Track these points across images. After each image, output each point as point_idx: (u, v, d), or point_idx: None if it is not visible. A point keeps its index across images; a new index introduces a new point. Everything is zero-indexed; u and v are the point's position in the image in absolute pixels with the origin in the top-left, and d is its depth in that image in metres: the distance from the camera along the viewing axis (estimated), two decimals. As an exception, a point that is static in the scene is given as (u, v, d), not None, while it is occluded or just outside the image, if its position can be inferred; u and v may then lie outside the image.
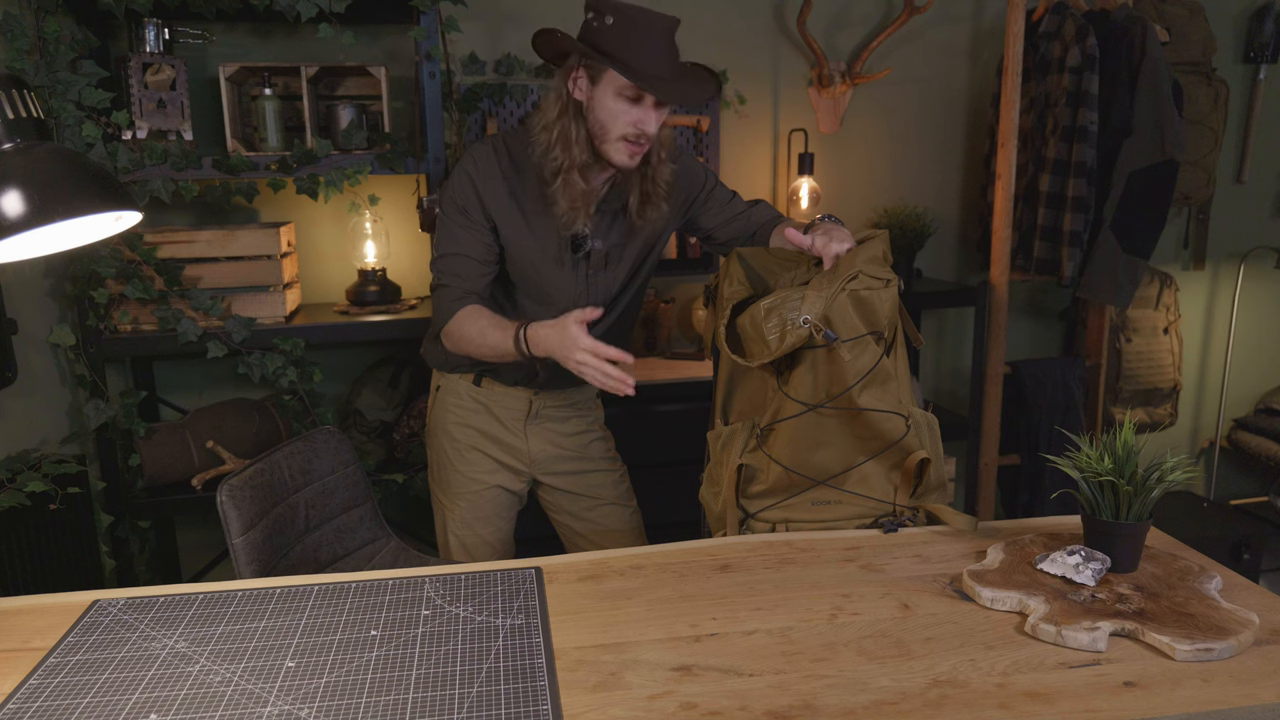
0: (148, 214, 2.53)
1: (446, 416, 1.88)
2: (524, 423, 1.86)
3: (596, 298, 1.76)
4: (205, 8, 2.26)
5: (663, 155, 1.67)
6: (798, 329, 1.36)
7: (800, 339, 1.37)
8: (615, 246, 1.74)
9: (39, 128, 1.11)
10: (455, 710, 1.00)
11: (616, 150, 1.59)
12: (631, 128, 1.56)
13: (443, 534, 1.94)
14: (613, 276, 1.77)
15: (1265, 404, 3.39)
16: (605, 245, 1.73)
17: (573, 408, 1.90)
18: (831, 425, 1.44)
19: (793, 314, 1.36)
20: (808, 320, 1.35)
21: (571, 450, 1.90)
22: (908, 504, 1.50)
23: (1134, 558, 1.27)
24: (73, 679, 1.08)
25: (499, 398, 1.85)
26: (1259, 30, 3.12)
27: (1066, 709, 0.99)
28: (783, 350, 1.38)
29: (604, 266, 1.75)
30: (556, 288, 1.73)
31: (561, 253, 1.71)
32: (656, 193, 1.68)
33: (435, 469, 1.94)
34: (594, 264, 1.74)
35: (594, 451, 1.93)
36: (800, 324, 1.35)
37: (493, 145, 1.69)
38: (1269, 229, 3.34)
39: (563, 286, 1.73)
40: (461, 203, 1.66)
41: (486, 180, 1.66)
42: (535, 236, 1.69)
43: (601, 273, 1.75)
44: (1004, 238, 2.64)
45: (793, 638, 1.14)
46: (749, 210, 1.81)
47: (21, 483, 1.99)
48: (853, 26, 2.92)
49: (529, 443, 1.87)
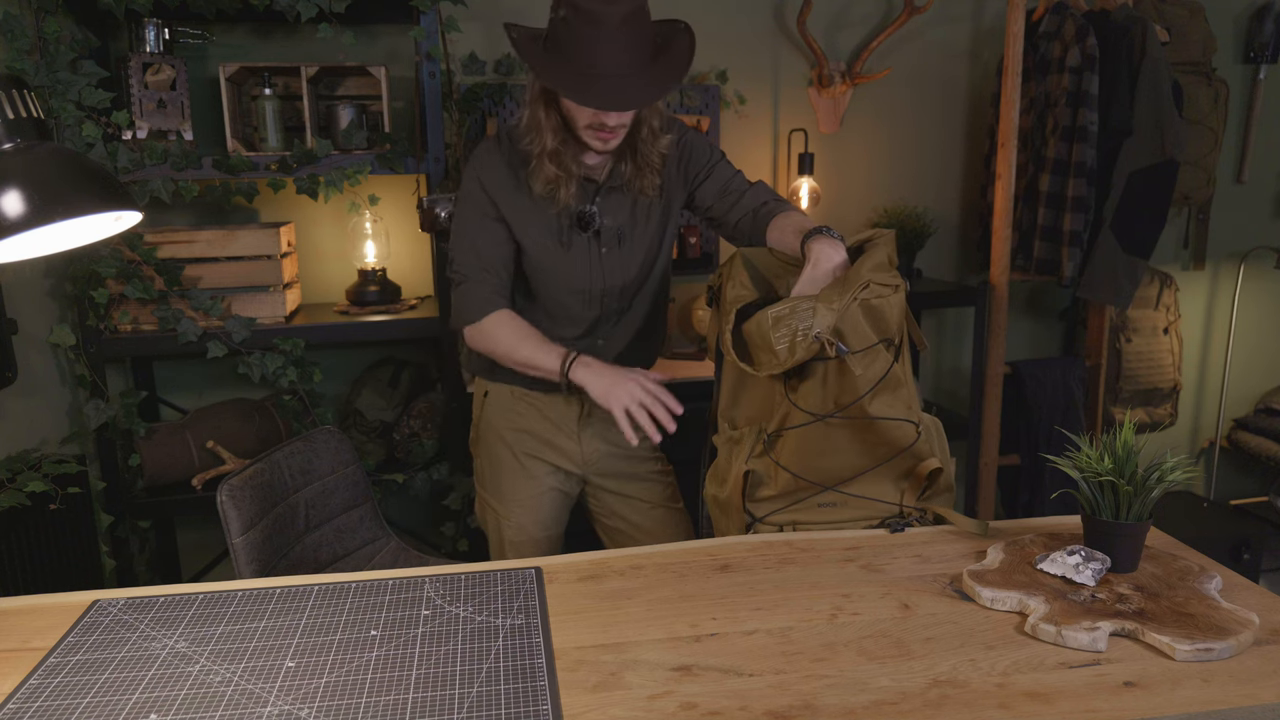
0: (148, 214, 2.53)
1: (500, 422, 1.86)
2: (577, 424, 1.85)
3: (613, 280, 1.76)
4: (205, 8, 2.26)
5: (655, 127, 1.66)
6: (809, 342, 1.35)
7: (811, 352, 1.36)
8: (626, 224, 1.74)
9: (39, 128, 1.11)
10: (455, 710, 1.00)
11: (588, 138, 1.61)
12: (592, 118, 1.58)
13: (497, 540, 1.90)
14: (629, 257, 1.76)
15: (1265, 404, 3.39)
16: (615, 222, 1.73)
17: None
18: (841, 434, 1.43)
19: (803, 325, 1.35)
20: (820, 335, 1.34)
21: (622, 449, 1.88)
22: (915, 505, 1.50)
23: (1134, 558, 1.27)
24: (73, 679, 1.08)
25: (552, 403, 1.83)
26: (1259, 30, 3.12)
27: (1066, 709, 0.99)
28: (792, 363, 1.37)
29: (617, 245, 1.74)
30: (570, 272, 1.73)
31: (569, 234, 1.71)
32: (650, 165, 1.69)
33: (486, 476, 1.91)
34: (606, 242, 1.73)
35: (643, 450, 1.92)
36: (813, 339, 1.34)
37: (495, 139, 1.73)
38: (1269, 229, 3.35)
39: (576, 270, 1.73)
40: (474, 204, 1.71)
41: (491, 176, 1.69)
42: (543, 221, 1.70)
43: (615, 251, 1.74)
44: (1004, 238, 2.64)
45: (793, 638, 1.14)
46: (748, 191, 1.77)
47: (21, 483, 1.99)
48: (853, 26, 2.92)
49: (582, 445, 1.86)
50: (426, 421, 2.57)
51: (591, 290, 1.75)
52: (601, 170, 1.71)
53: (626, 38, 1.50)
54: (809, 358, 1.37)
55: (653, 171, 1.70)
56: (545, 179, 1.65)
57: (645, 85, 1.54)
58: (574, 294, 1.75)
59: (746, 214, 1.74)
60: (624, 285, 1.77)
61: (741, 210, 1.75)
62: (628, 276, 1.77)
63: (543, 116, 1.61)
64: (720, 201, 1.77)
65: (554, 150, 1.63)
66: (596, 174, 1.72)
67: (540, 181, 1.65)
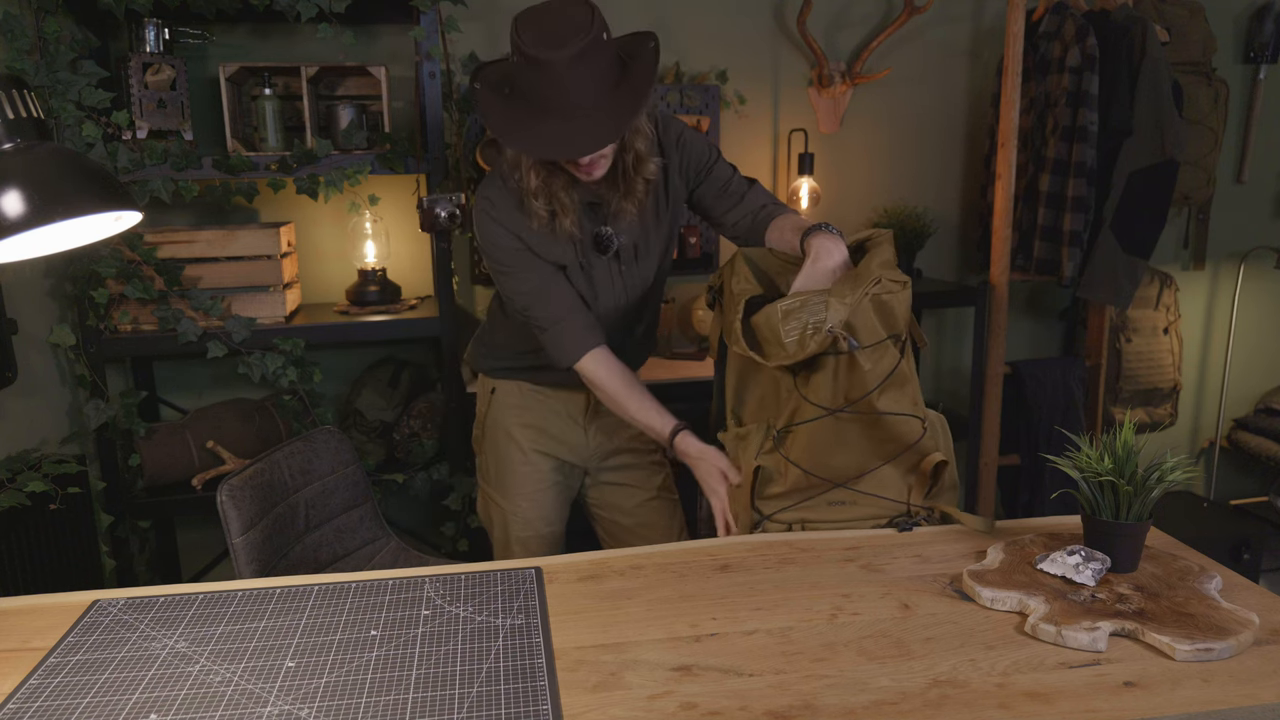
0: (148, 214, 2.53)
1: (507, 418, 1.86)
2: (584, 417, 1.86)
3: (634, 292, 1.76)
4: (205, 8, 2.26)
5: (641, 150, 1.59)
6: (821, 336, 1.35)
7: (822, 346, 1.36)
8: (639, 238, 1.73)
9: (39, 128, 1.11)
10: (455, 710, 1.00)
11: (571, 170, 1.56)
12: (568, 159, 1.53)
13: (502, 536, 1.91)
14: (646, 268, 1.76)
15: (1265, 404, 3.39)
16: (630, 239, 1.72)
17: None
18: (851, 429, 1.43)
19: (815, 319, 1.36)
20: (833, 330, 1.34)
21: (626, 441, 1.89)
22: (922, 504, 1.50)
23: (1134, 558, 1.27)
24: (73, 679, 1.08)
25: (561, 396, 1.84)
26: (1259, 30, 3.12)
27: (1066, 709, 0.99)
28: (803, 356, 1.37)
29: (635, 259, 1.74)
30: (596, 294, 1.72)
31: (589, 258, 1.69)
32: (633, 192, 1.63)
33: (491, 472, 1.91)
34: (624, 259, 1.73)
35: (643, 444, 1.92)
36: (826, 333, 1.34)
37: (498, 178, 1.65)
38: (1269, 229, 3.35)
39: (601, 290, 1.72)
40: (508, 250, 1.64)
41: (508, 216, 1.64)
42: (560, 250, 1.67)
43: (634, 266, 1.74)
44: (1004, 238, 2.64)
45: (793, 638, 1.14)
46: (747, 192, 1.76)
47: (21, 483, 1.99)
48: (853, 26, 2.92)
49: (589, 437, 1.87)
50: (426, 421, 2.57)
51: (617, 307, 1.76)
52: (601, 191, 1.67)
53: (581, 75, 1.41)
54: (819, 351, 1.37)
55: (635, 200, 1.64)
56: (538, 217, 1.60)
57: (603, 123, 1.45)
58: (604, 315, 1.73)
59: (746, 215, 1.73)
60: (643, 294, 1.79)
61: (742, 212, 1.74)
62: (646, 286, 1.79)
63: (522, 156, 1.56)
64: (720, 202, 1.76)
65: (538, 187, 1.57)
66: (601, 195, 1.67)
67: (534, 220, 1.61)
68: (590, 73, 1.42)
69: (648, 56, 1.51)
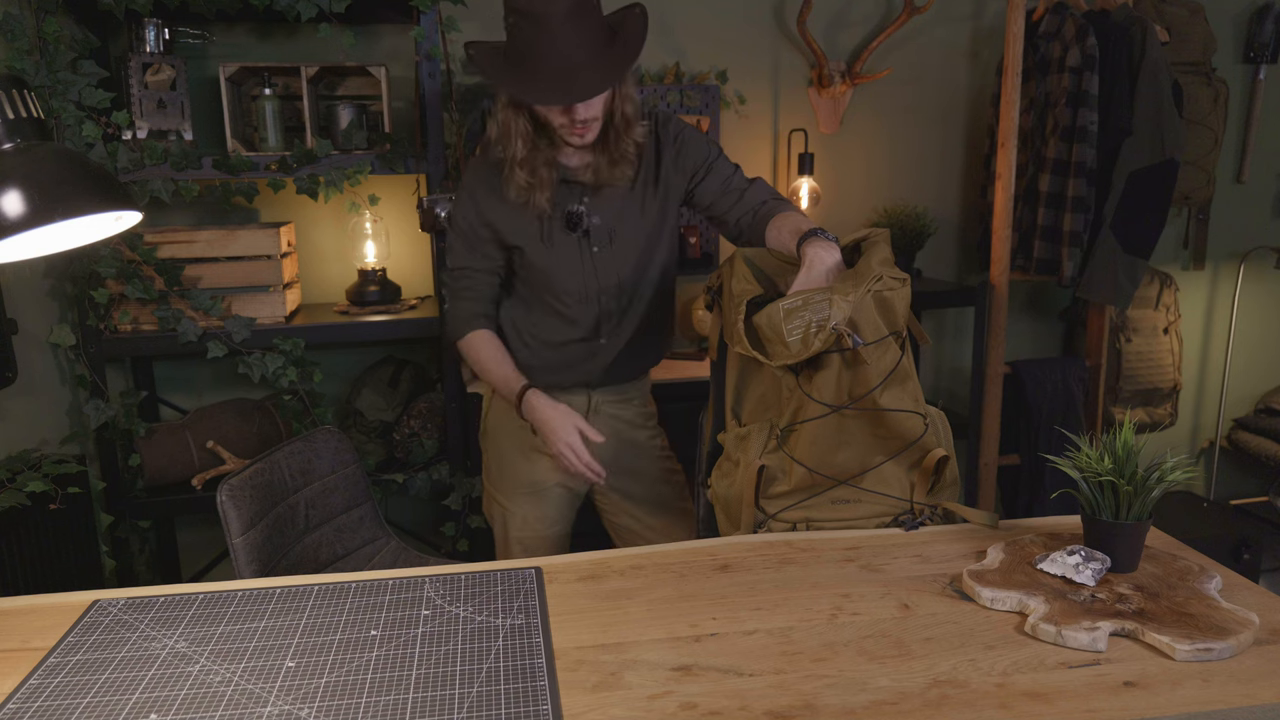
0: (148, 214, 2.53)
1: (508, 419, 1.86)
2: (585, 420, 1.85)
3: (607, 279, 1.76)
4: (205, 8, 2.26)
5: (628, 113, 1.65)
6: (826, 334, 1.35)
7: (826, 344, 1.36)
8: (616, 222, 1.74)
9: (39, 128, 1.11)
10: (455, 710, 1.00)
11: (565, 134, 1.63)
12: (563, 116, 1.59)
13: (503, 537, 1.92)
14: (620, 256, 1.76)
15: (1265, 404, 3.39)
16: (605, 220, 1.73)
17: (629, 403, 1.90)
18: (854, 426, 1.43)
19: (818, 317, 1.36)
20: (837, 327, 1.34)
21: (630, 443, 1.89)
22: (925, 501, 1.50)
23: (1134, 558, 1.27)
24: (73, 679, 1.08)
25: (559, 397, 1.83)
26: (1259, 30, 3.12)
27: (1066, 709, 0.99)
28: (807, 354, 1.37)
29: (609, 243, 1.74)
30: (563, 274, 1.74)
31: (556, 235, 1.72)
32: (623, 155, 1.68)
33: (493, 472, 1.92)
34: (596, 241, 1.73)
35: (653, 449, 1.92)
36: (830, 330, 1.34)
37: (483, 152, 1.76)
38: (1269, 229, 3.35)
39: (568, 271, 1.73)
40: (464, 219, 1.77)
41: (479, 189, 1.74)
42: (527, 224, 1.71)
43: (607, 250, 1.74)
44: (1004, 238, 2.64)
45: (793, 638, 1.14)
46: (748, 189, 1.77)
47: (21, 483, 1.99)
48: (853, 26, 2.92)
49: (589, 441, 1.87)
50: (426, 421, 2.57)
51: (586, 290, 1.75)
52: (586, 170, 1.71)
53: (575, 31, 1.51)
54: (823, 349, 1.37)
55: (626, 162, 1.69)
56: (517, 186, 1.67)
57: (599, 72, 1.55)
58: (568, 294, 1.75)
59: (747, 212, 1.73)
60: (620, 283, 1.77)
61: (743, 209, 1.74)
62: (623, 274, 1.77)
63: (513, 123, 1.63)
64: (721, 199, 1.76)
65: (524, 158, 1.64)
66: (581, 174, 1.71)
67: (513, 189, 1.68)
68: (584, 30, 1.53)
69: (637, 21, 1.61)
